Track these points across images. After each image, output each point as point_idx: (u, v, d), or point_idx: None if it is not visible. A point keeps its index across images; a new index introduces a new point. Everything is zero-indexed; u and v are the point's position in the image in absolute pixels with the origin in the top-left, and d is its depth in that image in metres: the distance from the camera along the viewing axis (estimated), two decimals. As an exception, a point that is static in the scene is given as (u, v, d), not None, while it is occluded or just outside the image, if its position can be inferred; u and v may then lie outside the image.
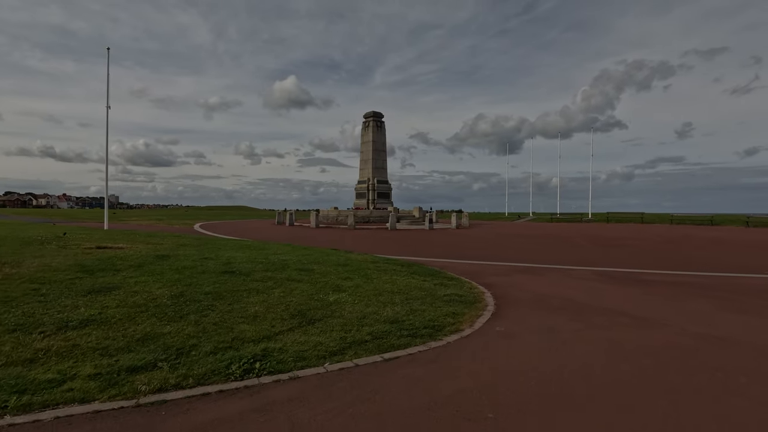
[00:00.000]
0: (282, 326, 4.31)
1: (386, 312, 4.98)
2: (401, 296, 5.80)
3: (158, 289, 5.43)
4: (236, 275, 6.64)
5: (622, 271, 9.23)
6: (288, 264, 8.02)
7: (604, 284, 7.66)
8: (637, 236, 20.96)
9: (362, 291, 6.02)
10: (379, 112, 35.96)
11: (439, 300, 5.74)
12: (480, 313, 5.27)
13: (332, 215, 31.90)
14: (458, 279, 7.65)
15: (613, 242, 17.45)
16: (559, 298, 6.40)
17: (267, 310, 4.83)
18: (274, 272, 7.09)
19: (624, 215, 44.06)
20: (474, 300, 5.90)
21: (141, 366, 3.24)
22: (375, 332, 4.25)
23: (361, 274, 7.34)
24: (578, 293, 6.77)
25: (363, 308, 5.10)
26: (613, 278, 8.30)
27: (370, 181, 34.86)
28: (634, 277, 8.53)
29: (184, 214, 60.88)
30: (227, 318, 4.47)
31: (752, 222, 31.13)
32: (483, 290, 6.75)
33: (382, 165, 35.79)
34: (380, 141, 35.87)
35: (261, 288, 5.86)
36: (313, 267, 7.83)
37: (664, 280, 8.11)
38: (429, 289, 6.43)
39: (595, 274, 8.77)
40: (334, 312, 4.89)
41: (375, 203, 34.43)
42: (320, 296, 5.58)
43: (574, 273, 8.98)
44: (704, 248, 15.19)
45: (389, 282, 6.78)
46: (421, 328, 4.47)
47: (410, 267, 8.65)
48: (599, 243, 16.97)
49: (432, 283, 6.95)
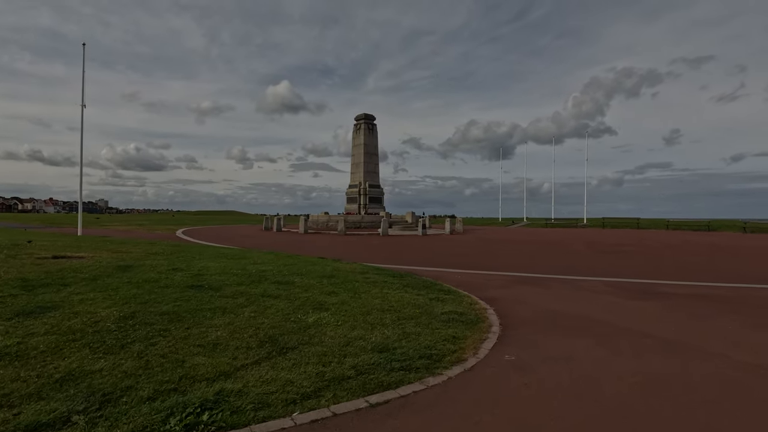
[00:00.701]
0: (246, 358, 3.56)
1: (375, 336, 4.26)
2: (393, 315, 5.08)
3: (105, 310, 4.64)
4: (204, 290, 5.86)
5: (633, 282, 8.61)
6: (266, 276, 7.26)
7: (618, 297, 7.01)
8: (638, 242, 20.51)
9: (348, 309, 5.28)
10: (370, 114, 35.36)
11: (436, 320, 5.03)
12: (484, 337, 4.56)
13: (322, 221, 31.08)
14: (456, 292, 6.95)
15: (616, 249, 16.92)
16: (572, 315, 5.73)
17: (231, 335, 4.07)
18: (248, 286, 6.32)
19: (620, 221, 43.85)
20: (476, 319, 5.20)
21: (47, 423, 2.46)
22: (360, 365, 3.52)
23: (347, 288, 6.61)
24: (592, 309, 6.11)
25: (347, 332, 4.37)
26: (625, 290, 7.67)
27: (362, 185, 34.14)
28: (647, 288, 7.90)
29: (171, 219, 59.51)
30: (180, 347, 3.70)
31: (749, 228, 31.00)
32: (485, 306, 6.05)
33: (374, 169, 35.11)
34: (372, 144, 35.22)
35: (229, 306, 5.09)
36: (295, 279, 7.08)
37: (681, 293, 7.49)
38: (424, 305, 5.72)
39: (606, 286, 8.13)
40: (313, 337, 4.15)
41: (367, 208, 33.70)
42: (298, 316, 4.83)
43: (582, 284, 8.33)
44: (710, 255, 14.71)
45: (379, 297, 6.05)
46: (417, 358, 3.74)
47: (403, 278, 7.93)
48: (601, 250, 16.43)
49: (427, 297, 6.24)
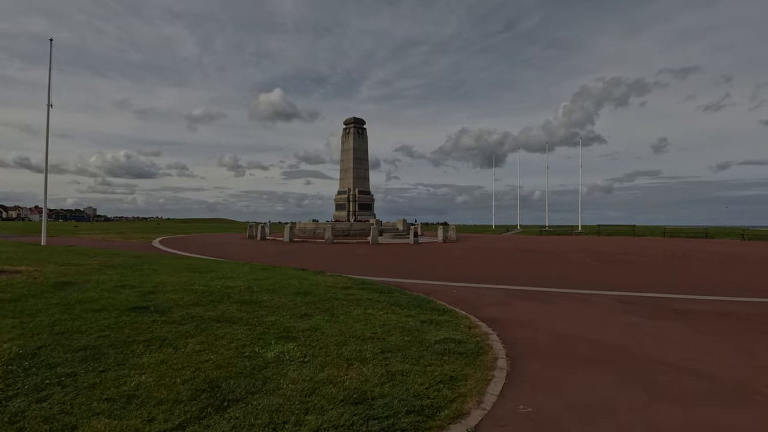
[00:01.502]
0: (168, 419, 2.62)
1: (350, 379, 3.34)
2: (375, 345, 4.17)
3: (4, 343, 3.66)
4: (147, 313, 4.90)
5: (647, 297, 7.81)
6: (231, 293, 6.30)
7: (635, 316, 6.19)
8: (639, 251, 19.88)
9: (320, 338, 4.36)
10: (360, 119, 34.57)
11: (429, 351, 4.13)
12: (489, 375, 3.67)
13: (309, 228, 30.05)
14: (452, 312, 6.06)
15: (617, 258, 16.22)
16: (588, 341, 4.87)
17: (159, 380, 3.13)
18: (205, 307, 5.37)
19: (615, 228, 43.53)
20: (477, 349, 4.31)
21: None
22: (326, 427, 2.61)
23: (324, 308, 5.68)
24: (609, 332, 5.27)
25: (315, 372, 3.45)
26: (641, 307, 6.86)
27: (351, 192, 33.23)
28: (664, 305, 7.11)
29: (156, 227, 57.87)
30: (79, 403, 2.75)
31: (747, 235, 30.74)
32: (486, 330, 5.17)
33: (363, 174, 34.24)
34: (362, 149, 34.39)
35: (172, 336, 4.14)
36: (263, 298, 6.14)
37: (703, 310, 6.71)
38: (414, 330, 4.82)
39: (617, 301, 7.32)
40: (268, 381, 3.22)
41: (356, 215, 32.76)
42: (256, 349, 3.90)
43: (591, 300, 7.51)
44: (719, 265, 14.06)
45: (361, 320, 5.15)
46: (403, 414, 2.84)
47: (391, 294, 7.03)
48: (603, 259, 15.71)
49: (418, 319, 5.35)
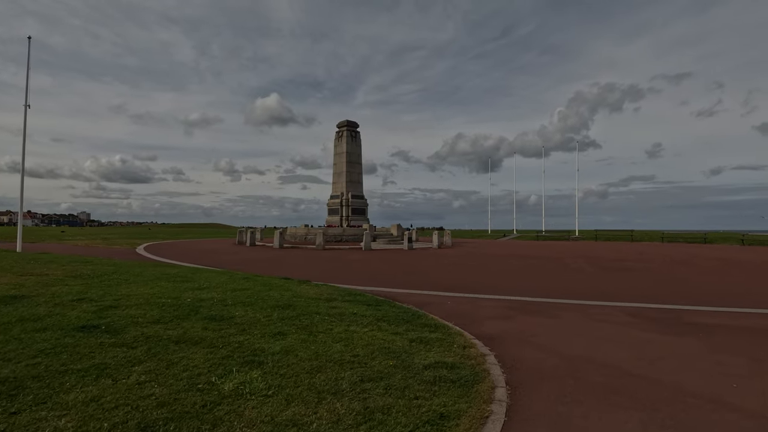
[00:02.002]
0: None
1: (319, 419, 2.79)
2: (355, 373, 3.61)
3: None
4: (96, 334, 4.31)
5: (656, 309, 7.31)
6: (201, 307, 5.72)
7: (647, 332, 5.68)
8: (639, 257, 19.45)
9: (292, 362, 3.79)
10: (353, 121, 34.11)
11: (416, 379, 3.57)
12: (487, 411, 3.13)
13: (300, 234, 29.43)
14: (444, 328, 5.52)
15: (617, 265, 15.76)
16: (601, 365, 4.34)
17: (82, 426, 2.55)
18: (166, 325, 4.78)
19: (612, 233, 43.23)
20: (473, 376, 3.76)
21: None
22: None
23: (303, 325, 5.12)
24: (623, 353, 4.74)
25: (278, 409, 2.89)
26: (652, 321, 6.35)
27: (344, 196, 32.68)
28: (677, 317, 6.60)
29: (147, 233, 56.86)
30: (-33, 462, 2.18)
31: (747, 240, 30.49)
32: (482, 350, 4.63)
33: (357, 178, 33.73)
34: (355, 152, 33.91)
35: (115, 363, 3.56)
36: (236, 313, 5.56)
37: (720, 324, 6.21)
38: (401, 352, 4.27)
39: (626, 314, 6.81)
40: (218, 425, 2.66)
41: (349, 220, 32.21)
42: (213, 379, 3.33)
43: (597, 312, 6.99)
44: (724, 273, 13.62)
45: (342, 339, 4.59)
46: (380, 470, 2.29)
47: (379, 307, 6.48)
48: (603, 266, 15.24)
49: (407, 338, 4.80)
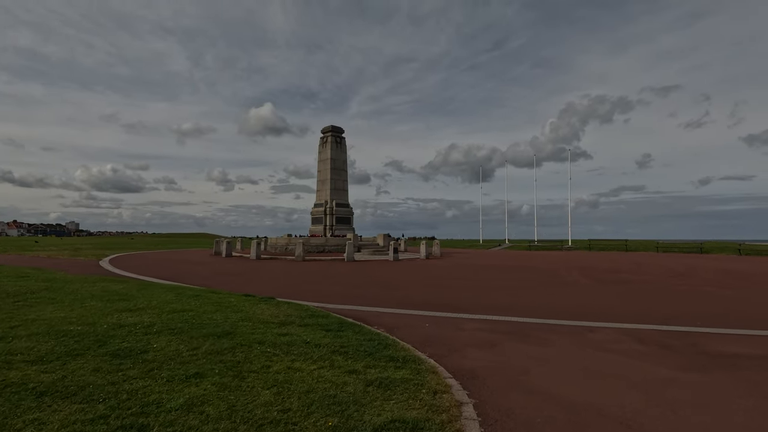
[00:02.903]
0: None
1: None
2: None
3: None
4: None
5: (666, 332, 6.40)
6: (113, 337, 4.66)
7: (664, 367, 4.74)
8: (636, 268, 18.69)
9: (189, 427, 2.76)
10: (338, 127, 33.24)
11: (358, 453, 2.57)
12: None
13: (281, 244, 28.25)
14: (414, 361, 4.52)
15: (614, 277, 14.93)
16: (609, 419, 3.37)
17: None
18: (48, 365, 3.72)
19: (606, 243, 42.74)
20: (440, 444, 2.76)
21: None
22: None
23: (234, 361, 4.09)
24: (637, 399, 3.78)
25: None
26: (666, 350, 5.42)
27: (328, 204, 31.65)
28: (694, 344, 5.69)
29: (128, 243, 55.21)
30: None
31: (744, 250, 30.06)
32: (459, 398, 3.63)
33: (342, 186, 32.76)
34: (340, 159, 32.99)
35: None
36: (156, 344, 4.52)
37: (743, 353, 5.31)
38: (350, 403, 3.26)
39: (632, 339, 5.88)
40: None
41: (333, 230, 31.15)
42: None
43: (597, 337, 6.06)
44: (730, 286, 12.83)
45: (278, 383, 3.57)
46: None
47: (340, 334, 5.47)
48: (599, 278, 14.39)
49: (363, 380, 3.79)
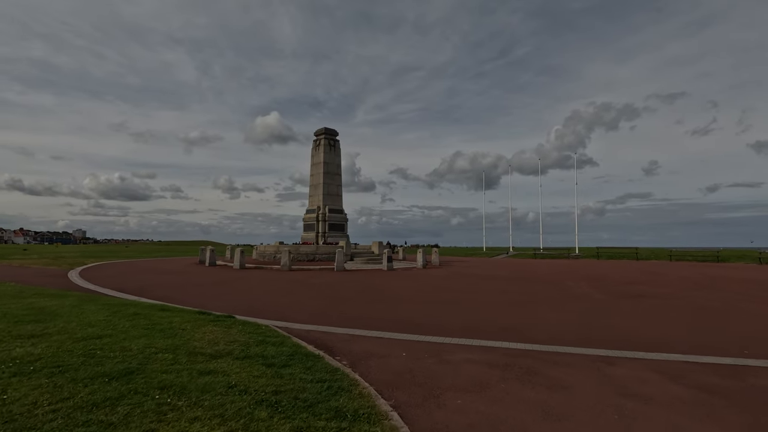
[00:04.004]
0: None
1: None
2: None
3: None
4: None
5: (706, 365, 5.11)
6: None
7: (716, 427, 3.46)
8: (651, 278, 17.35)
9: None
10: (332, 129, 32.17)
11: None
12: None
13: (269, 252, 27.04)
14: (369, 419, 3.26)
15: (630, 290, 13.60)
16: None
17: None
18: None
19: (615, 251, 41.31)
20: None
21: None
22: None
23: (101, 424, 2.85)
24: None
25: None
26: (711, 393, 4.14)
27: (320, 210, 30.46)
28: (751, 386, 4.40)
29: (120, 251, 54.69)
30: None
31: (765, 258, 28.61)
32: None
33: (335, 191, 31.58)
34: (334, 162, 31.86)
35: None
36: (8, 392, 3.28)
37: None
38: None
39: (662, 378, 4.60)
40: None
41: (326, 237, 29.92)
42: None
43: (621, 375, 4.77)
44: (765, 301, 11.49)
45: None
46: None
47: (282, 372, 4.22)
48: (612, 291, 13.06)
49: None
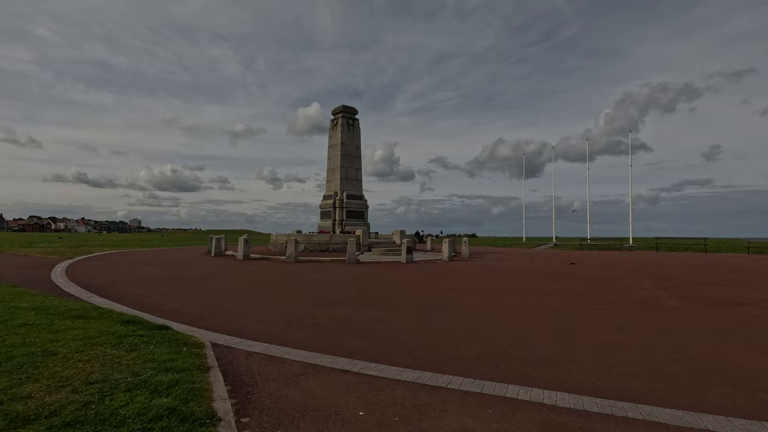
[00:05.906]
0: None
1: None
2: None
3: None
4: None
5: None
6: None
7: None
8: (736, 277, 13.95)
9: None
10: (350, 107, 29.85)
11: None
12: None
13: (281, 241, 25.27)
14: None
15: (711, 293, 10.48)
16: None
17: None
18: None
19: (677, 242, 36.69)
20: None
21: None
22: None
23: None
24: None
25: None
26: None
27: (338, 196, 28.36)
28: None
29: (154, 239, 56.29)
30: None
31: None
32: None
33: (354, 175, 29.35)
34: (352, 144, 29.59)
35: None
36: None
37: None
38: None
39: None
40: None
41: (344, 225, 27.83)
42: None
43: None
44: None
45: None
46: None
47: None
48: (687, 294, 10.02)
49: None
